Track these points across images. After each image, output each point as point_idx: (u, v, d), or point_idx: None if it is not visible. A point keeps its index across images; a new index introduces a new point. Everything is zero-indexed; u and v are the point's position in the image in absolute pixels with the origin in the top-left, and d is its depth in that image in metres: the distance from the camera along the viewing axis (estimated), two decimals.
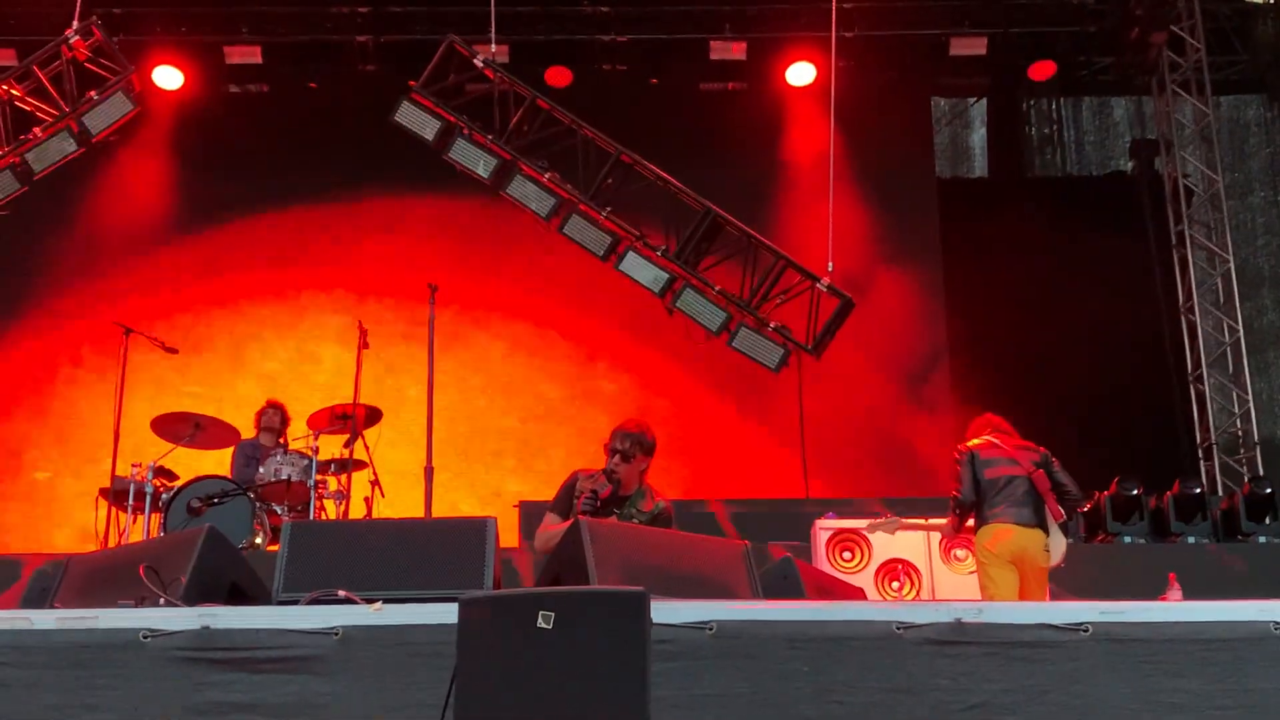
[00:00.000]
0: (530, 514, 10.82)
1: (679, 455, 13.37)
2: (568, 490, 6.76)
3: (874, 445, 13.70)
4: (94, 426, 11.70)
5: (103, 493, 10.47)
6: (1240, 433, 13.60)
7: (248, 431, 11.08)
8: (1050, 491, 7.89)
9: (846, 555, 9.48)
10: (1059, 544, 7.90)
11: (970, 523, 8.14)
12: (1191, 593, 8.07)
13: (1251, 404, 13.58)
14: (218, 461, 10.94)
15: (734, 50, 14.32)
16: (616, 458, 6.68)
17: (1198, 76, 14.23)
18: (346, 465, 10.54)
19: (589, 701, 3.94)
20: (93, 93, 10.98)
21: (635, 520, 6.69)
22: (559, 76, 14.27)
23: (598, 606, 4.05)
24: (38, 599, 5.67)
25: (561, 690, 3.93)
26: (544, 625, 3.91)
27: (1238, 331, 13.75)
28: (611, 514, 6.62)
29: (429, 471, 8.61)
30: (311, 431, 10.58)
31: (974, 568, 8.25)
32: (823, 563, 9.29)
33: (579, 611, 3.99)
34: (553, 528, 6.52)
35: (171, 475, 10.38)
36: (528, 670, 3.95)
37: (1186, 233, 14.22)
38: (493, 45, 11.61)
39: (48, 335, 13.87)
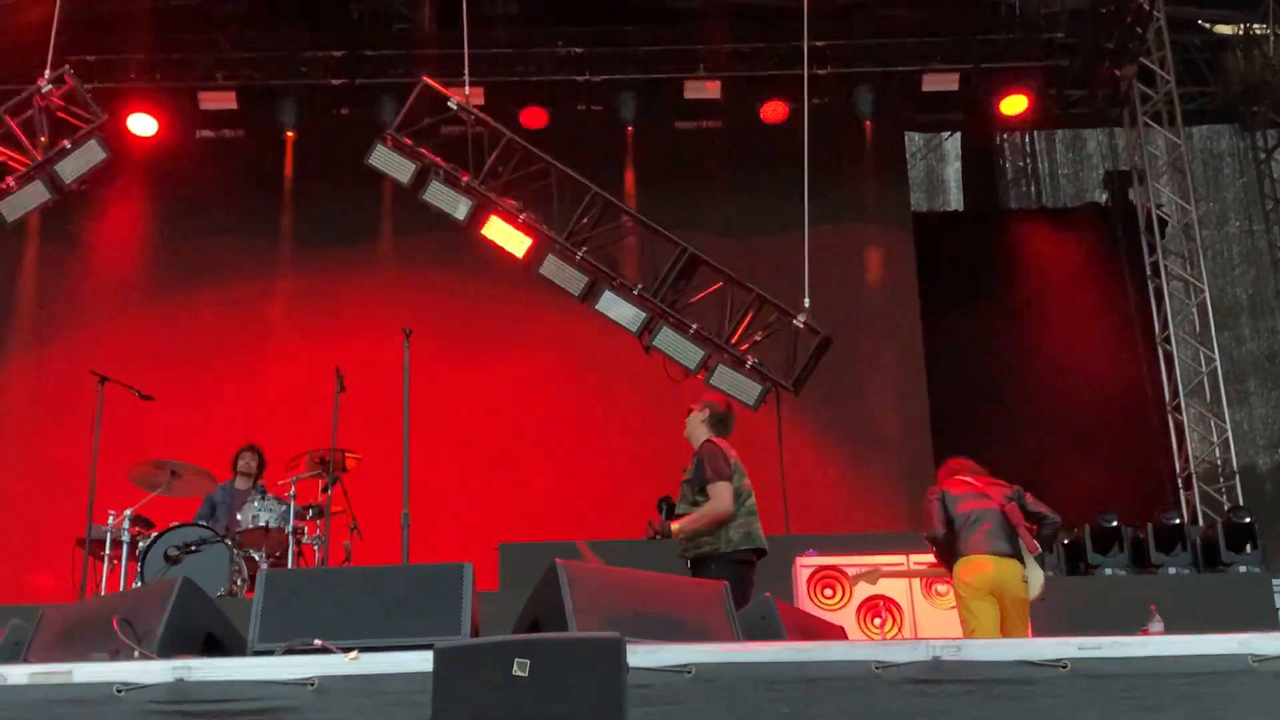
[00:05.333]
0: (509, 556, 10.78)
1: (659, 492, 13.35)
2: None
3: (852, 480, 13.69)
4: (69, 475, 11.61)
5: (79, 542, 10.38)
6: (1219, 462, 13.62)
7: (225, 477, 11.02)
8: (1023, 524, 7.85)
9: (828, 593, 9.44)
10: (1037, 577, 7.85)
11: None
12: (1172, 624, 8.06)
13: (1230, 433, 13.60)
14: (195, 509, 10.87)
15: (708, 89, 14.41)
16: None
17: (1169, 108, 14.33)
18: (324, 510, 10.48)
19: None
20: (65, 141, 10.96)
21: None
22: (534, 118, 14.32)
23: (573, 653, 4.02)
24: (11, 652, 5.62)
25: None
26: (520, 673, 3.89)
27: (1214, 361, 13.79)
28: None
29: (405, 517, 8.56)
30: (289, 477, 10.54)
31: (955, 603, 8.21)
32: (804, 600, 9.25)
33: (555, 658, 3.96)
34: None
35: (148, 523, 10.30)
36: (505, 719, 3.92)
37: (1161, 263, 14.29)
38: (466, 88, 11.62)
39: (22, 383, 13.81)
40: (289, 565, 10.06)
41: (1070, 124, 16.54)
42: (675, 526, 7.70)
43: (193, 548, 9.81)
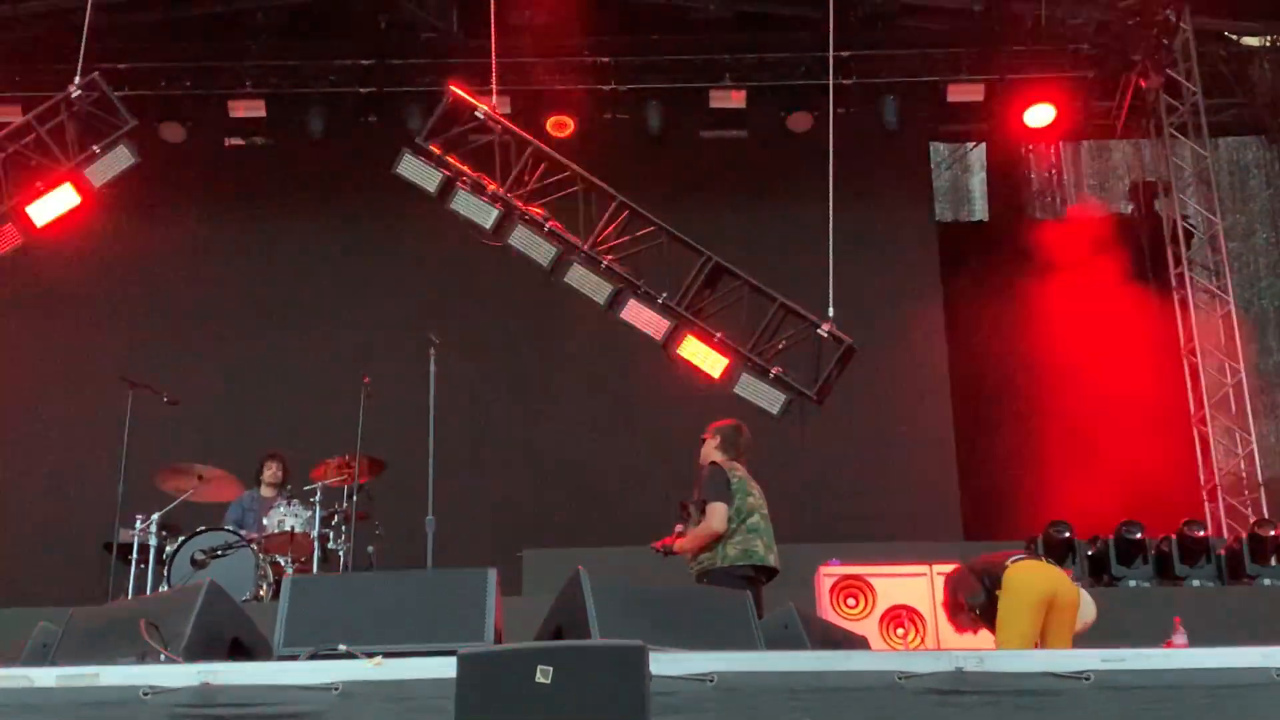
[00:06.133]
0: (533, 563, 10.81)
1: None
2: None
3: (876, 489, 13.67)
4: (98, 480, 11.70)
5: (106, 546, 10.46)
6: (1244, 474, 13.56)
7: (251, 483, 11.09)
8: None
9: (850, 602, 9.43)
10: (1088, 599, 7.65)
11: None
12: (1196, 637, 8.04)
13: (1255, 445, 13.54)
14: (222, 514, 10.94)
15: (734, 98, 14.44)
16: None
17: (1195, 119, 14.28)
18: (350, 516, 10.54)
19: None
20: (94, 146, 11.05)
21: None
22: (560, 126, 14.37)
23: (596, 660, 4.04)
24: (40, 655, 5.67)
25: None
26: (543, 680, 3.91)
27: (1239, 373, 13.73)
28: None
29: (430, 522, 8.61)
30: (315, 483, 10.60)
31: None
32: (826, 610, 9.25)
33: (578, 665, 3.99)
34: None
35: (175, 528, 10.38)
36: None
37: (1187, 274, 14.24)
38: (494, 96, 11.68)
39: (51, 388, 13.89)
40: (314, 570, 10.12)
41: (1096, 135, 16.50)
42: (676, 546, 8.16)
43: (219, 552, 9.88)
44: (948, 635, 9.15)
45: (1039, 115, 14.65)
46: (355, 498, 10.60)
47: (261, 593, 9.91)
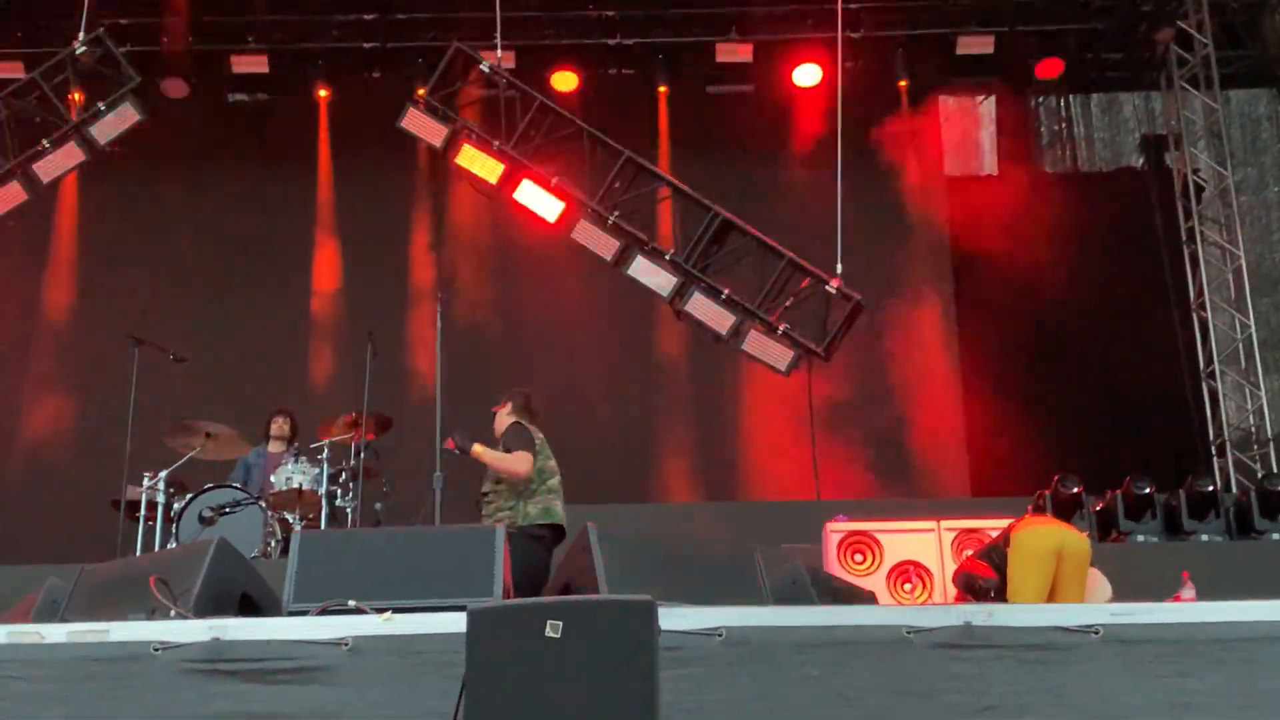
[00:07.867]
0: None
1: (692, 457, 13.38)
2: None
3: (884, 446, 13.65)
4: (106, 437, 11.72)
5: (114, 504, 10.48)
6: (1253, 429, 13.54)
7: (259, 440, 11.09)
8: None
9: (858, 558, 9.43)
10: (1103, 582, 7.66)
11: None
12: (1205, 591, 8.03)
13: (1265, 400, 13.51)
14: (229, 472, 10.94)
15: (740, 53, 14.33)
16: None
17: (1206, 72, 14.18)
18: (358, 473, 10.54)
19: (599, 710, 3.94)
20: (99, 103, 11.01)
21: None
22: (565, 81, 14.28)
23: (606, 615, 4.05)
24: (50, 611, 5.69)
25: (571, 699, 3.94)
26: (553, 635, 3.92)
27: (1249, 327, 13.69)
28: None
29: (438, 479, 8.60)
30: (323, 440, 10.59)
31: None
32: (834, 565, 9.25)
33: (587, 620, 4.00)
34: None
35: (183, 485, 10.38)
36: (537, 679, 3.95)
37: (1197, 229, 14.18)
38: (498, 51, 11.61)
39: (57, 346, 13.89)
40: (322, 527, 10.13)
41: (1106, 88, 16.39)
42: (478, 448, 8.05)
43: (227, 509, 9.88)
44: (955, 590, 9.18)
45: (1049, 67, 14.54)
46: (363, 455, 10.59)
47: (269, 550, 9.93)
